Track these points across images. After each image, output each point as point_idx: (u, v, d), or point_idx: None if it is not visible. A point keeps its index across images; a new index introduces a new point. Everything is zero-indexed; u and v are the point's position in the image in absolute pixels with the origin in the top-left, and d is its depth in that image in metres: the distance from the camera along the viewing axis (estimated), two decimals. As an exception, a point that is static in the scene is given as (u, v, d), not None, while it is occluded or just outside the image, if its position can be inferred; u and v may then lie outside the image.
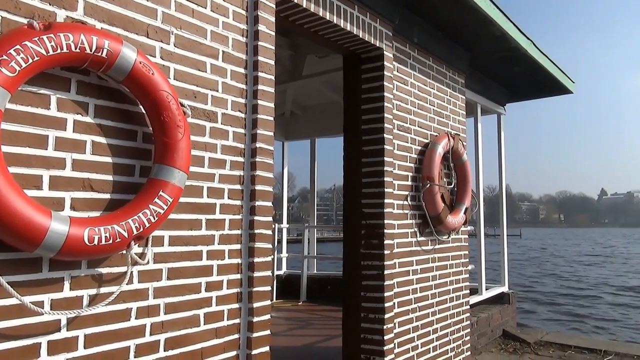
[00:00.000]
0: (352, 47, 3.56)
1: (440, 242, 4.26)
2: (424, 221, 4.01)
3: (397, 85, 3.81)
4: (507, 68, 5.49)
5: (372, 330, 3.46)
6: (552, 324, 12.36)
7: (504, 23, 4.29)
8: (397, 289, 3.65)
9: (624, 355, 5.16)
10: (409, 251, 3.83)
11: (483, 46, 4.79)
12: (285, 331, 5.42)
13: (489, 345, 5.35)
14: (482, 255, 5.55)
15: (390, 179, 3.61)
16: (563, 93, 6.37)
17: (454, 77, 4.71)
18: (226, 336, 2.34)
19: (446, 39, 4.50)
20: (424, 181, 3.96)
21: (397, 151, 3.75)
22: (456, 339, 4.45)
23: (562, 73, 5.81)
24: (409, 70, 3.99)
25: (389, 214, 3.57)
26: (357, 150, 3.64)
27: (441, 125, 4.41)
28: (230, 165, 2.41)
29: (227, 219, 2.38)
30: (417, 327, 3.87)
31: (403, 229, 3.78)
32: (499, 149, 6.26)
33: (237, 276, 2.41)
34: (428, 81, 4.26)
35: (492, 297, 5.86)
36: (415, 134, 4.03)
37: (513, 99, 6.47)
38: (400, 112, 3.83)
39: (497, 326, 5.59)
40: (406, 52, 3.98)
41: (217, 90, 2.37)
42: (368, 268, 3.52)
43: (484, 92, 5.69)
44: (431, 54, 4.31)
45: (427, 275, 4.06)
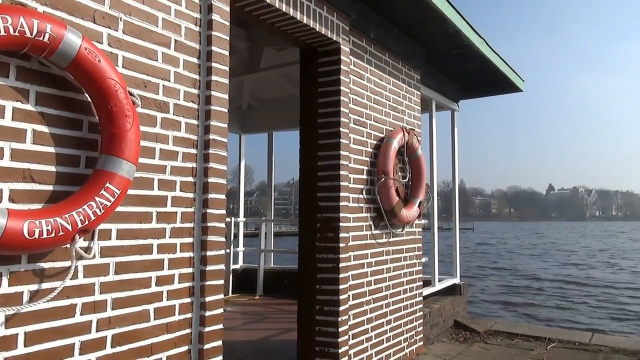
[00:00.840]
0: (309, 40, 3.56)
1: (394, 235, 4.34)
2: (379, 214, 4.07)
3: (353, 80, 3.83)
4: (461, 65, 5.63)
5: (327, 322, 3.49)
6: (500, 312, 12.91)
7: (458, 21, 4.39)
8: (352, 281, 3.69)
9: (566, 342, 5.42)
10: (364, 244, 3.88)
11: (438, 43, 4.89)
12: (241, 325, 5.39)
13: (441, 335, 5.50)
14: (436, 248, 5.68)
15: (346, 173, 3.63)
16: (513, 91, 6.59)
17: (410, 73, 4.79)
18: (177, 331, 2.30)
19: (402, 35, 4.56)
20: (379, 175, 4.01)
21: (353, 145, 3.78)
22: (409, 330, 4.55)
23: (512, 71, 6.01)
24: (365, 65, 4.02)
25: (345, 207, 3.60)
26: (313, 143, 3.65)
27: (397, 120, 4.47)
28: (182, 157, 2.36)
29: (179, 212, 2.33)
30: (371, 319, 3.93)
31: (358, 222, 3.82)
32: (452, 144, 6.42)
33: (189, 270, 2.37)
34: (384, 76, 4.31)
35: (445, 288, 6.02)
36: (371, 129, 4.07)
37: (466, 96, 6.65)
38: (356, 107, 3.86)
39: (449, 316, 5.75)
40: (363, 47, 4.00)
41: (168, 80, 2.31)
42: (323, 261, 3.54)
43: (438, 88, 5.81)
44: (387, 49, 4.36)
45: (381, 268, 4.13)
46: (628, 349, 5.10)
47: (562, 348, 5.19)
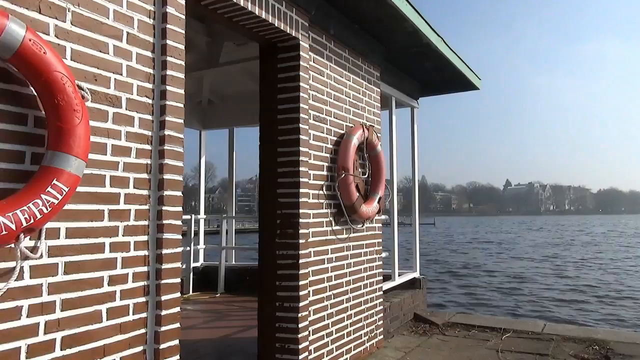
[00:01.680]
0: (268, 35, 3.53)
1: (355, 230, 4.37)
2: (339, 210, 4.09)
3: (313, 76, 3.83)
4: (420, 63, 5.72)
5: (287, 318, 3.49)
6: (454, 305, 13.31)
7: (416, 19, 4.46)
8: (312, 277, 3.70)
9: (520, 331, 5.61)
10: (324, 240, 3.89)
11: (397, 41, 4.95)
12: (201, 324, 5.32)
13: (401, 328, 5.59)
14: (396, 243, 5.76)
15: (305, 169, 3.63)
16: (471, 89, 6.76)
17: (370, 70, 4.83)
18: (132, 331, 2.25)
19: (362, 32, 4.59)
20: (339, 171, 4.03)
21: (312, 141, 3.78)
22: (370, 324, 4.61)
23: (470, 70, 6.16)
24: (325, 62, 4.03)
25: (305, 203, 3.60)
26: (272, 140, 3.63)
27: (356, 117, 4.51)
28: (136, 153, 2.30)
29: (132, 210, 2.28)
30: (331, 314, 3.96)
31: (318, 218, 3.83)
32: (412, 141, 6.52)
33: (144, 269, 2.32)
34: (344, 73, 4.33)
35: (405, 282, 6.12)
36: (331, 125, 4.08)
37: (426, 93, 6.76)
38: (316, 103, 3.86)
39: (408, 310, 5.86)
40: (322, 44, 4.01)
41: (121, 74, 2.25)
42: (283, 257, 3.54)
43: (398, 85, 5.89)
44: (347, 46, 4.38)
45: (342, 263, 4.16)
46: (578, 337, 5.34)
47: (517, 338, 5.38)
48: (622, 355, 4.73)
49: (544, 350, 4.88)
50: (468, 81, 6.32)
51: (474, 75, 6.37)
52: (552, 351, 4.86)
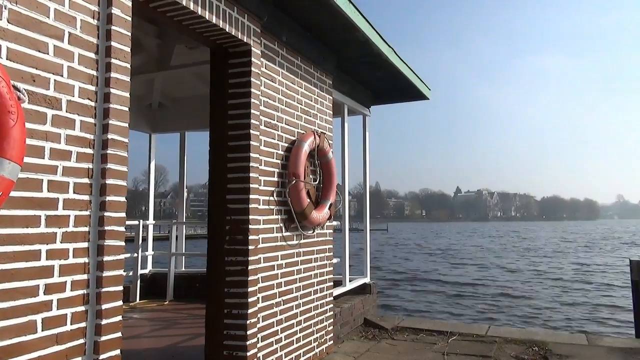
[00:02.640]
0: (219, 40, 3.51)
1: (305, 236, 4.39)
2: (290, 216, 4.10)
3: (264, 82, 3.83)
4: (371, 72, 5.83)
5: (235, 325, 3.45)
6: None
7: (367, 29, 4.55)
8: (262, 283, 3.69)
9: (466, 334, 5.79)
10: (274, 246, 3.89)
11: (349, 50, 5.03)
12: (147, 332, 5.17)
13: (351, 333, 5.65)
14: (347, 249, 5.83)
15: (256, 175, 3.62)
16: (421, 99, 6.94)
17: (322, 77, 4.88)
18: (69, 342, 2.16)
19: (315, 40, 4.64)
20: (290, 177, 4.05)
21: (263, 147, 3.78)
22: (319, 330, 4.63)
23: (420, 80, 6.34)
24: (277, 68, 4.04)
25: (255, 209, 3.59)
26: (222, 145, 3.60)
27: (308, 124, 4.54)
28: (76, 157, 2.23)
29: (72, 215, 2.20)
30: (281, 321, 3.95)
31: (269, 224, 3.82)
32: (364, 148, 6.62)
33: (84, 277, 2.24)
34: (296, 80, 4.36)
35: (355, 288, 6.19)
36: (282, 131, 4.09)
37: (377, 102, 6.90)
38: (267, 109, 3.87)
39: (359, 315, 5.93)
40: (275, 50, 4.02)
41: (61, 75, 2.17)
42: (232, 264, 3.51)
43: (350, 93, 5.98)
44: (300, 53, 4.41)
45: (292, 270, 4.16)
46: (519, 339, 5.56)
47: (462, 340, 5.54)
48: (560, 355, 4.97)
49: (487, 352, 5.06)
50: (418, 91, 6.49)
51: (424, 86, 6.56)
52: (494, 353, 5.04)
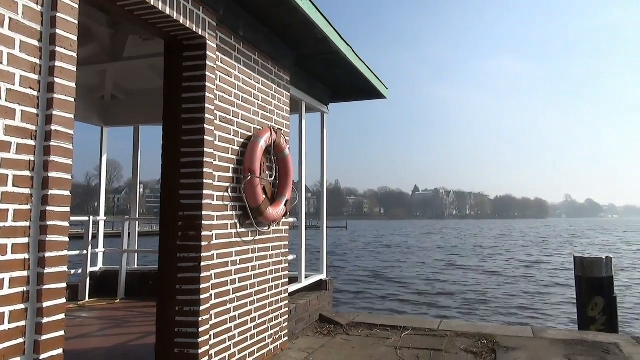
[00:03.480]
0: (173, 32, 3.44)
1: (260, 233, 4.37)
2: (245, 213, 4.07)
3: (220, 77, 3.78)
4: (330, 70, 5.85)
5: (187, 323, 3.40)
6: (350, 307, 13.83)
7: (326, 27, 4.56)
8: (215, 280, 3.64)
9: (418, 329, 5.92)
10: (228, 242, 3.85)
11: (307, 47, 5.03)
12: (96, 332, 5.02)
13: (307, 329, 5.67)
14: (303, 245, 5.84)
15: (210, 170, 3.58)
16: (378, 97, 7.03)
17: (280, 73, 4.86)
18: (7, 341, 2.07)
19: (272, 36, 4.62)
20: (245, 173, 4.01)
21: (218, 142, 3.73)
22: (274, 326, 4.62)
23: (377, 79, 6.41)
24: (233, 63, 4.00)
25: (208, 205, 3.54)
26: (176, 139, 3.53)
27: (265, 120, 4.52)
28: (16, 148, 2.13)
29: (10, 209, 2.10)
30: (234, 317, 3.92)
31: (223, 220, 3.78)
32: (321, 146, 6.65)
33: (24, 273, 2.15)
34: (253, 75, 4.33)
35: (311, 284, 6.22)
36: (238, 127, 4.05)
37: (336, 99, 6.93)
38: (223, 104, 3.82)
39: (314, 311, 5.95)
40: (231, 44, 3.97)
41: (0, 63, 2.07)
42: (184, 260, 3.45)
43: (309, 90, 5.99)
44: (257, 49, 4.38)
45: (246, 266, 4.13)
46: (469, 332, 5.74)
47: (415, 335, 5.66)
48: (506, 347, 5.16)
49: (438, 346, 5.19)
50: (376, 90, 6.57)
51: (381, 85, 6.64)
52: (445, 346, 5.18)
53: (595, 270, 6.92)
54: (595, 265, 6.92)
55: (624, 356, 4.84)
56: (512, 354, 4.93)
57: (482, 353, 4.98)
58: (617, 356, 4.85)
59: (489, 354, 4.96)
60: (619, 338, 5.58)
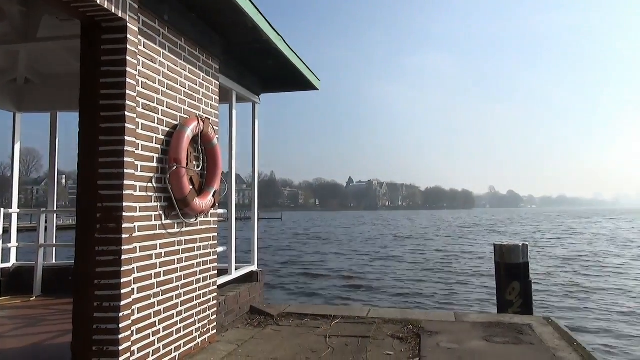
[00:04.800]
0: (90, 12, 3.24)
1: (187, 225, 4.26)
2: (170, 204, 3.95)
3: (143, 62, 3.62)
4: (261, 60, 5.78)
5: (106, 319, 3.25)
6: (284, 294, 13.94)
7: (255, 15, 4.49)
8: (138, 274, 3.51)
9: (348, 317, 6.05)
10: (152, 235, 3.72)
11: (238, 35, 4.94)
12: (9, 331, 4.70)
13: (236, 321, 5.62)
14: (233, 237, 5.76)
15: (132, 160, 3.42)
16: (310, 89, 7.04)
17: (208, 61, 4.74)
18: None
19: (200, 22, 4.48)
20: (171, 163, 3.88)
21: (141, 131, 3.58)
22: (202, 319, 4.54)
23: (309, 70, 6.42)
24: (158, 48, 3.84)
25: (130, 196, 3.39)
26: (94, 127, 3.35)
27: (192, 108, 4.39)
28: None
29: None
30: (159, 311, 3.80)
31: (146, 211, 3.64)
32: (253, 136, 6.57)
33: None
34: (179, 62, 4.18)
35: (242, 276, 6.16)
36: (163, 115, 3.91)
37: (268, 90, 6.87)
38: (146, 91, 3.66)
39: (245, 303, 5.91)
40: (155, 29, 3.81)
41: None
42: (103, 254, 3.29)
43: (239, 80, 5.89)
44: (184, 35, 4.23)
45: (172, 259, 4.02)
46: (396, 319, 5.94)
47: (344, 323, 5.78)
48: (430, 332, 5.39)
49: (367, 333, 5.33)
50: (307, 81, 6.57)
51: (313, 76, 6.66)
52: (373, 333, 5.33)
53: (513, 257, 7.36)
54: (512, 252, 7.35)
55: (535, 335, 5.21)
56: (436, 337, 5.16)
57: (407, 338, 5.17)
58: (529, 336, 5.21)
59: (414, 338, 5.16)
60: (533, 319, 6.00)
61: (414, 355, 4.56)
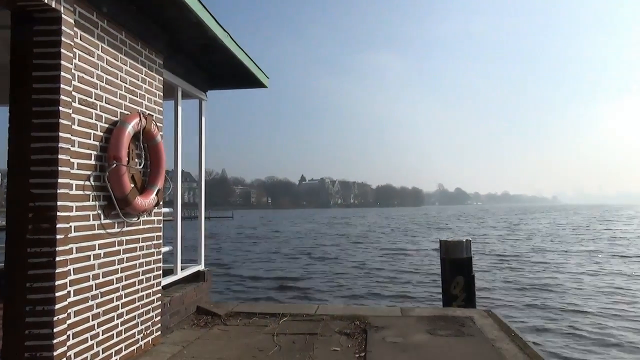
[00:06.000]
0: (21, 2, 3.08)
1: (129, 224, 4.14)
2: (110, 203, 3.82)
3: (80, 55, 3.48)
4: (208, 56, 5.69)
5: (40, 324, 3.11)
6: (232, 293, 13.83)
7: (200, 11, 4.41)
8: (74, 275, 3.38)
9: (296, 315, 6.06)
10: (90, 235, 3.59)
11: (182, 31, 4.83)
12: None
13: (182, 322, 5.51)
14: (179, 236, 5.64)
15: (67, 157, 3.28)
16: (259, 86, 6.98)
17: (151, 56, 4.61)
18: None
19: (142, 15, 4.36)
20: (110, 161, 3.76)
21: (77, 127, 3.44)
22: (145, 321, 4.42)
23: (257, 67, 6.37)
24: (96, 41, 3.70)
25: (65, 195, 3.25)
26: (26, 123, 3.18)
27: (134, 104, 4.26)
28: None
29: None
30: (98, 314, 3.68)
31: (83, 211, 3.50)
32: (199, 133, 6.46)
33: None
34: (120, 56, 4.05)
35: (189, 275, 6.05)
36: (102, 110, 3.77)
37: (215, 87, 6.77)
38: (83, 85, 3.52)
39: (191, 303, 5.80)
40: (93, 21, 3.67)
41: None
42: (36, 255, 3.14)
43: (185, 76, 5.77)
44: (125, 28, 4.10)
45: (112, 259, 3.89)
46: (344, 315, 6.01)
47: (293, 321, 5.79)
48: (377, 327, 5.49)
49: (315, 330, 5.36)
50: (256, 78, 6.52)
51: (262, 74, 6.61)
52: (321, 330, 5.37)
53: (457, 252, 7.61)
54: (457, 248, 7.60)
55: (476, 327, 5.42)
56: (382, 332, 5.26)
57: (354, 334, 5.25)
58: (471, 328, 5.41)
59: (361, 334, 5.24)
60: (474, 312, 6.23)
61: (360, 350, 4.64)
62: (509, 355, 4.42)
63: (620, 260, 20.94)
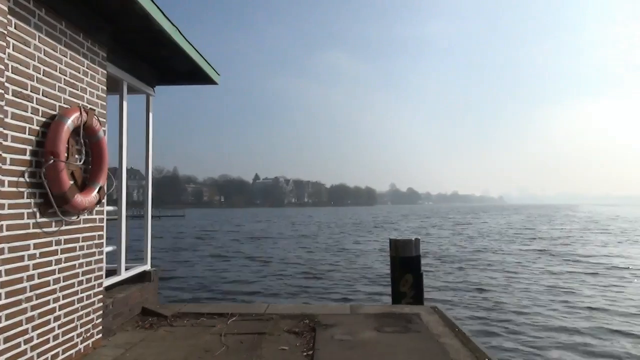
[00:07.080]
0: (-53, -14, 2.89)
1: (68, 223, 3.96)
2: (46, 200, 3.64)
3: (14, 45, 3.30)
4: (155, 50, 5.53)
5: (-34, 328, 2.93)
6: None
7: (147, 4, 4.28)
8: (6, 277, 3.20)
9: (245, 314, 6.00)
10: (24, 234, 3.41)
11: (128, 23, 4.67)
12: None
13: (126, 324, 5.34)
14: (123, 235, 5.45)
15: (-1, 152, 3.11)
16: (209, 83, 6.85)
17: (94, 48, 4.43)
18: None
19: (84, 6, 4.18)
20: (47, 156, 3.58)
21: (10, 120, 3.26)
22: (85, 324, 4.25)
23: (207, 64, 6.25)
24: (32, 31, 3.52)
25: (-4, 192, 3.08)
26: (-48, 114, 2.99)
27: (74, 98, 4.08)
28: None
29: None
30: (32, 317, 3.50)
31: (16, 209, 3.32)
32: (146, 130, 6.27)
33: None
34: (59, 47, 3.86)
35: (134, 276, 5.86)
36: (38, 104, 3.59)
37: (163, 82, 6.59)
38: (17, 76, 3.34)
39: (135, 305, 5.63)
40: (29, 10, 3.49)
41: None
42: (-37, 256, 2.95)
43: (131, 70, 5.58)
44: (64, 18, 3.92)
45: (49, 260, 3.71)
46: (293, 314, 6.00)
47: (242, 320, 5.73)
48: (326, 325, 5.52)
49: (263, 329, 5.33)
50: (206, 75, 6.39)
51: (212, 70, 6.50)
52: (269, 329, 5.34)
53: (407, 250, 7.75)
54: (406, 246, 7.74)
55: (422, 324, 5.55)
56: (330, 330, 5.29)
57: (303, 332, 5.25)
58: (417, 324, 5.54)
59: (309, 332, 5.26)
60: (421, 309, 6.38)
61: (308, 349, 4.65)
62: (453, 350, 4.55)
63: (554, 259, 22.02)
